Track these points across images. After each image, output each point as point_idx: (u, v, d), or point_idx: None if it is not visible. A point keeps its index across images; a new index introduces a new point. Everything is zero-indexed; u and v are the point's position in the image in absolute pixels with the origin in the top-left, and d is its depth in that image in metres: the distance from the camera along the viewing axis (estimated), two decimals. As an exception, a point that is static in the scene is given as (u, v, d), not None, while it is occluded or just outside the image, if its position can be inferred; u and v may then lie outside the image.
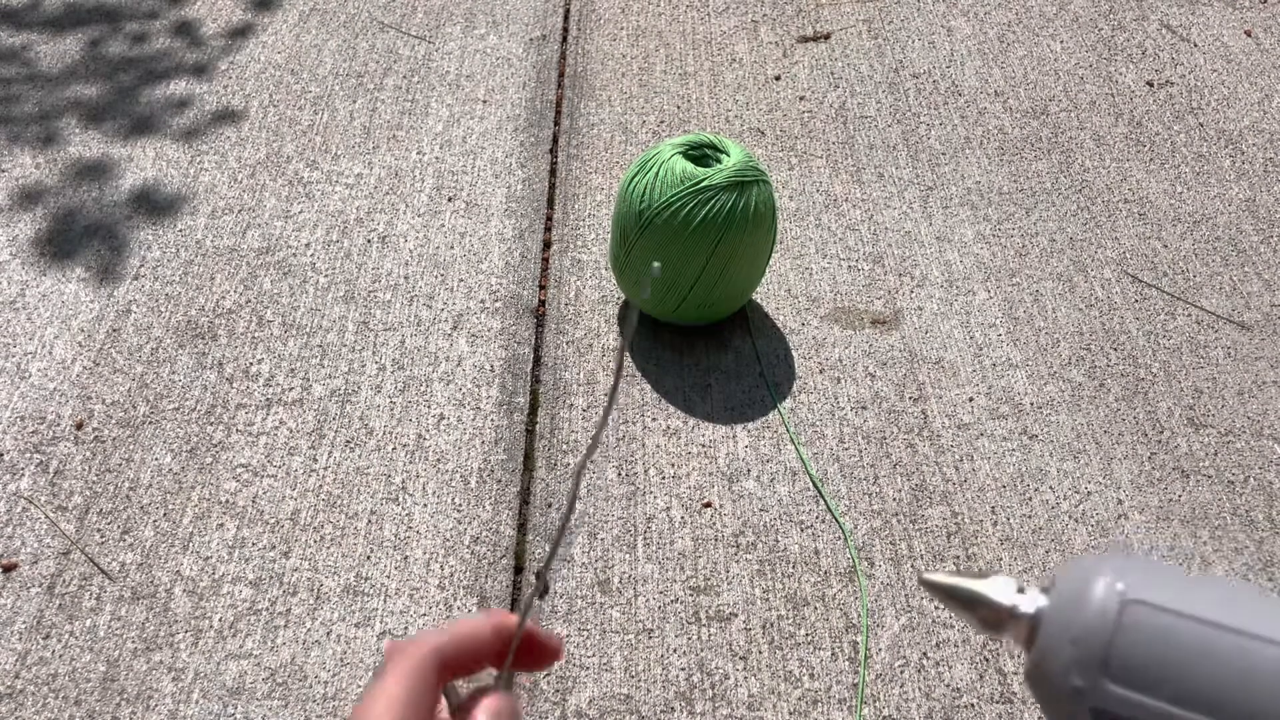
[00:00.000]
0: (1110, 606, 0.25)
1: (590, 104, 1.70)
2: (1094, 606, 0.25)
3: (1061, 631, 0.25)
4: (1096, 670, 0.24)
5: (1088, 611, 0.25)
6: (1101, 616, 0.24)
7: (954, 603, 0.28)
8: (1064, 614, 0.25)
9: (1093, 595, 0.25)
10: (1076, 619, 0.25)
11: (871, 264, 1.43)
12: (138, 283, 1.39)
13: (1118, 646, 0.24)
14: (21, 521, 1.11)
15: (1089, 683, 0.24)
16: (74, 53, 1.81)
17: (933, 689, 0.98)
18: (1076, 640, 0.25)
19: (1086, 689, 0.24)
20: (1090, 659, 0.24)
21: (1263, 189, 1.56)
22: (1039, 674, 0.26)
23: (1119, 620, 0.24)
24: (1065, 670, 0.25)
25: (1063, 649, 0.25)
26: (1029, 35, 1.87)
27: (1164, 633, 0.24)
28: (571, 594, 1.05)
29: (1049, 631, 0.26)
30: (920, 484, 1.16)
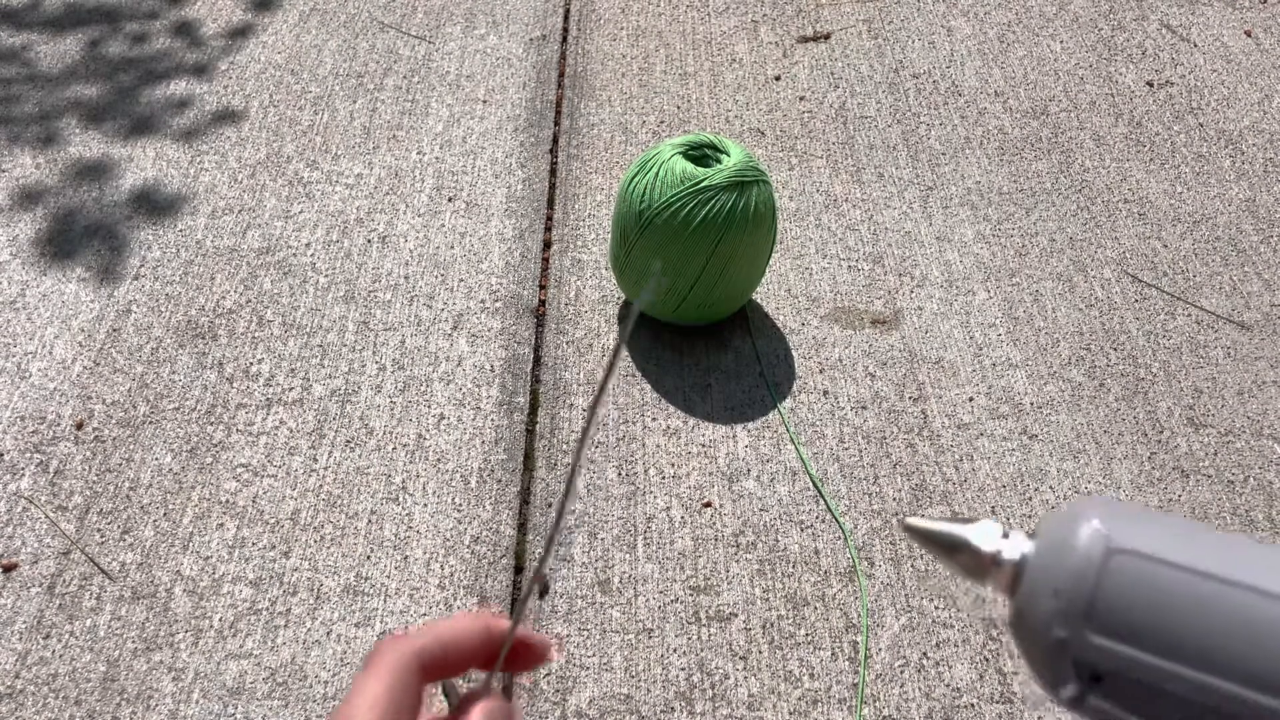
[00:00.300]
0: (1095, 554, 0.24)
1: (590, 104, 1.70)
2: (1078, 554, 0.24)
3: (1045, 580, 0.24)
4: (1080, 621, 0.23)
5: (1072, 560, 0.24)
6: (1086, 565, 0.23)
7: (936, 548, 0.27)
8: (1048, 562, 0.24)
9: (1077, 542, 0.24)
10: (1060, 567, 0.24)
11: (871, 264, 1.43)
12: (138, 283, 1.39)
13: (1102, 597, 0.23)
14: (22, 521, 1.11)
15: (1072, 634, 0.23)
16: (74, 53, 1.81)
17: (933, 689, 0.98)
18: (1060, 590, 0.24)
19: (1069, 640, 0.23)
20: (1073, 610, 0.23)
21: (1263, 189, 1.56)
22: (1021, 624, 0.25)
23: (1104, 569, 0.23)
24: (1048, 621, 0.24)
25: (1045, 599, 0.24)
26: (1029, 35, 1.87)
27: (1152, 583, 0.23)
28: (571, 594, 1.05)
29: (1032, 579, 0.24)
30: (920, 484, 1.16)
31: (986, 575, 0.26)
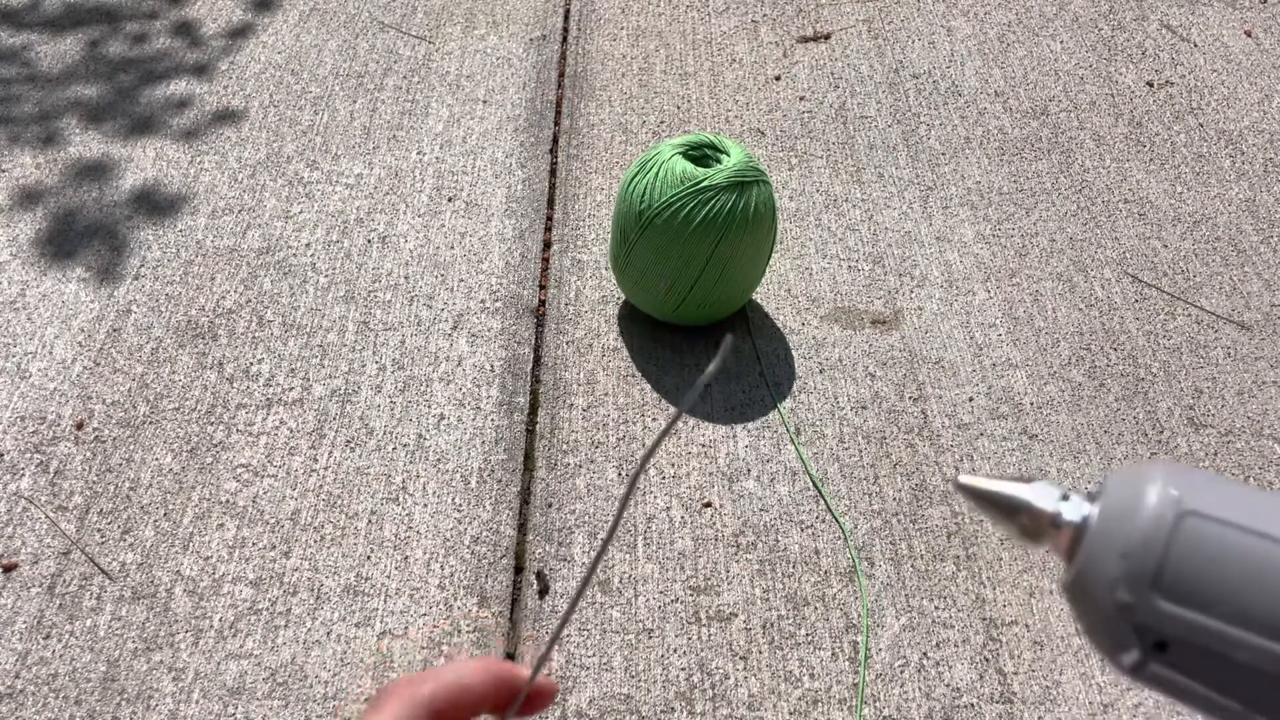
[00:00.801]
0: (1166, 517, 0.23)
1: (590, 104, 1.70)
2: (1147, 517, 0.23)
3: (1110, 543, 0.23)
4: (1147, 586, 0.22)
5: (1140, 522, 0.23)
6: (1156, 528, 0.23)
7: (992, 509, 0.26)
8: (1113, 524, 0.23)
9: (1146, 505, 0.23)
10: (1127, 530, 0.23)
11: (871, 264, 1.43)
12: (138, 283, 1.39)
13: (1172, 561, 0.22)
14: (22, 521, 1.11)
15: (1137, 598, 0.23)
16: (74, 53, 1.81)
17: (933, 689, 0.98)
18: (1127, 553, 0.23)
19: (1135, 605, 0.23)
20: (1141, 573, 0.23)
21: (1263, 189, 1.56)
22: (1081, 587, 0.24)
23: (1174, 532, 0.22)
24: (1112, 584, 0.23)
25: (1110, 562, 0.23)
26: (1029, 35, 1.87)
27: (1223, 547, 0.22)
28: (571, 594, 1.05)
29: (1095, 542, 0.24)
30: (920, 484, 1.16)
31: (1044, 537, 0.25)
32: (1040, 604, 1.05)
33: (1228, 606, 0.22)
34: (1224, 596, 0.22)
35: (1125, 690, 0.98)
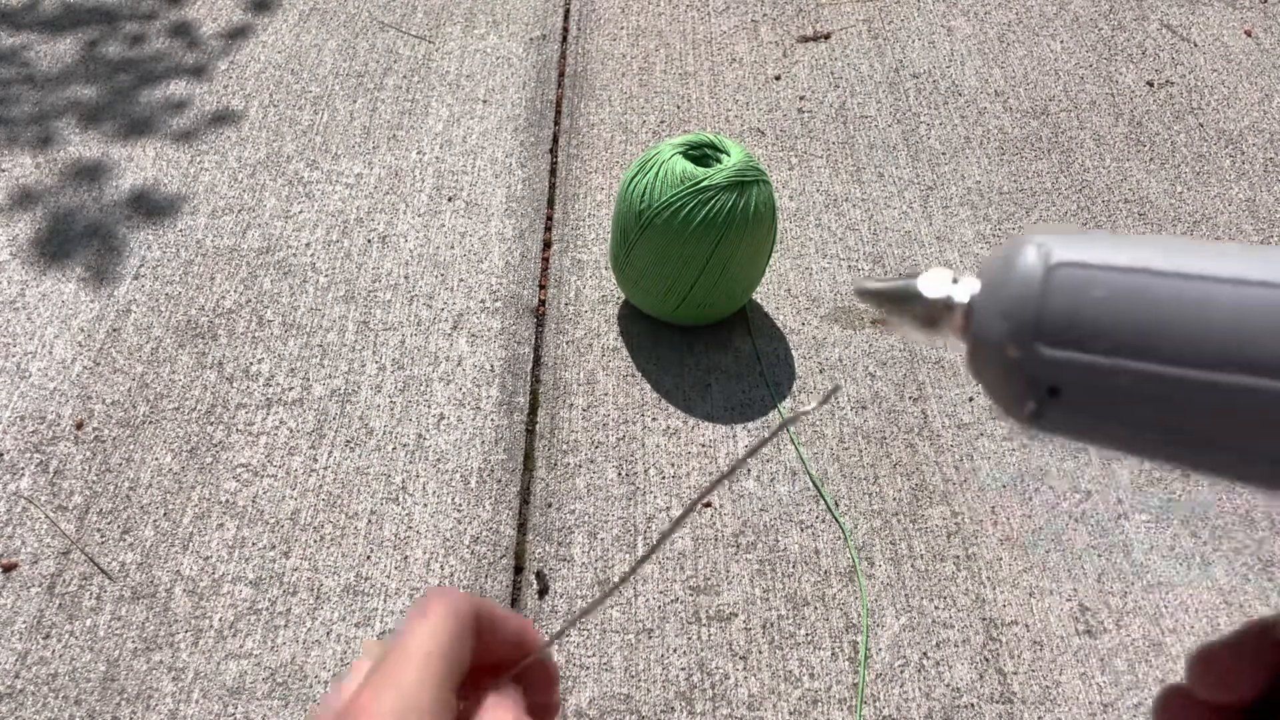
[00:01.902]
0: (1036, 272, 0.24)
1: (590, 104, 1.70)
2: (1020, 275, 0.24)
3: (993, 308, 0.25)
4: (1030, 337, 0.24)
5: (1015, 281, 0.24)
6: (1028, 283, 0.24)
7: (890, 305, 0.27)
8: (993, 291, 0.25)
9: (1018, 266, 0.24)
10: (1005, 292, 0.24)
11: (872, 264, 1.43)
12: (138, 282, 1.39)
13: (1048, 310, 0.24)
14: (21, 521, 1.11)
15: (1024, 352, 0.24)
16: (72, 53, 1.81)
17: (933, 689, 0.98)
18: (1007, 313, 0.24)
19: (1023, 359, 0.24)
20: (1023, 328, 0.24)
21: (1263, 189, 1.56)
22: (977, 357, 0.25)
23: (1046, 283, 0.24)
24: (1000, 345, 0.24)
25: (995, 325, 0.24)
26: (1029, 35, 1.87)
27: (1094, 288, 0.24)
28: (571, 594, 1.05)
29: (980, 311, 0.25)
30: (920, 484, 1.16)
31: (941, 324, 0.26)
32: (1040, 604, 1.05)
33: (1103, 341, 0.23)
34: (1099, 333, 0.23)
35: (1125, 690, 0.98)
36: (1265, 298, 0.22)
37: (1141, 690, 0.98)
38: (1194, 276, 0.23)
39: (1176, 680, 0.28)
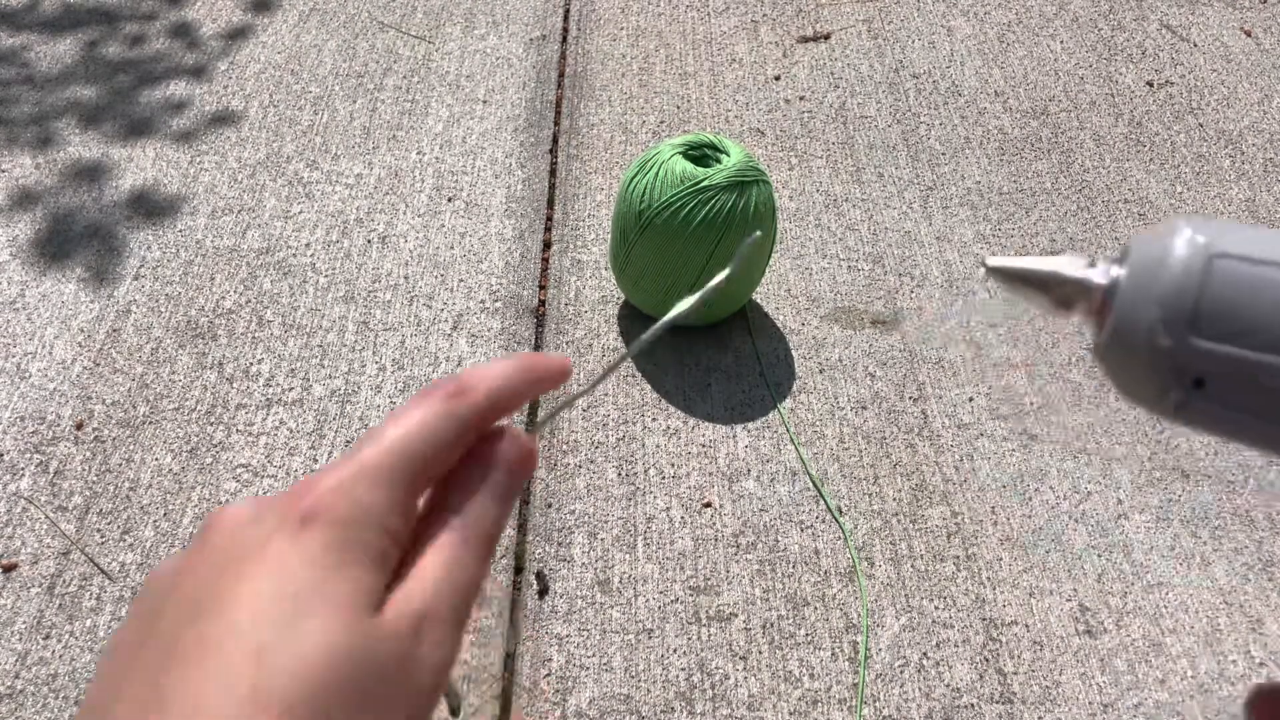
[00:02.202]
0: (1195, 262, 0.24)
1: (590, 104, 1.70)
2: (1178, 264, 0.24)
3: (1144, 295, 0.24)
4: (1184, 327, 0.24)
5: (1172, 270, 0.24)
6: (1187, 273, 0.24)
7: (1023, 285, 0.27)
8: (1145, 277, 0.25)
9: (1175, 254, 0.24)
10: (1160, 280, 0.24)
11: (871, 264, 1.43)
12: (138, 283, 1.39)
13: (1206, 300, 0.24)
14: (21, 522, 1.11)
15: (1176, 341, 0.24)
16: (72, 54, 1.81)
17: (933, 689, 0.98)
18: (1162, 300, 0.24)
19: (1174, 348, 0.24)
20: (1178, 316, 0.24)
21: (1263, 189, 1.56)
22: (1119, 342, 0.25)
23: (1205, 275, 0.24)
24: (1150, 332, 0.24)
25: (1146, 311, 0.24)
26: (1029, 35, 1.87)
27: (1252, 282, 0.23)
28: (571, 594, 1.05)
29: (1128, 297, 0.25)
30: (920, 484, 1.16)
31: (1075, 305, 0.26)
32: (1040, 604, 1.05)
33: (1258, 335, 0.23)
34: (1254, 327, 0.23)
35: (1125, 690, 0.98)
36: None
37: (1142, 691, 0.98)
38: None
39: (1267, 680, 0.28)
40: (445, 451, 0.26)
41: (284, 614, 0.22)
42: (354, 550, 0.23)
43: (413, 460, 0.25)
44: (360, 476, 0.24)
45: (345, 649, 0.22)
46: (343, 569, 0.23)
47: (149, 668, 0.22)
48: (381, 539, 0.24)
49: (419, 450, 0.25)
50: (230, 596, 0.22)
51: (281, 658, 0.21)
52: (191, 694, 0.21)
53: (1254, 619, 1.04)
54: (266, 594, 0.22)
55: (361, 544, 0.23)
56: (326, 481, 0.24)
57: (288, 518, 0.23)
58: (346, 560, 0.23)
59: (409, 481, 0.25)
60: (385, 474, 0.24)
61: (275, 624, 0.21)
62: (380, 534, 0.24)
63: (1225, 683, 0.99)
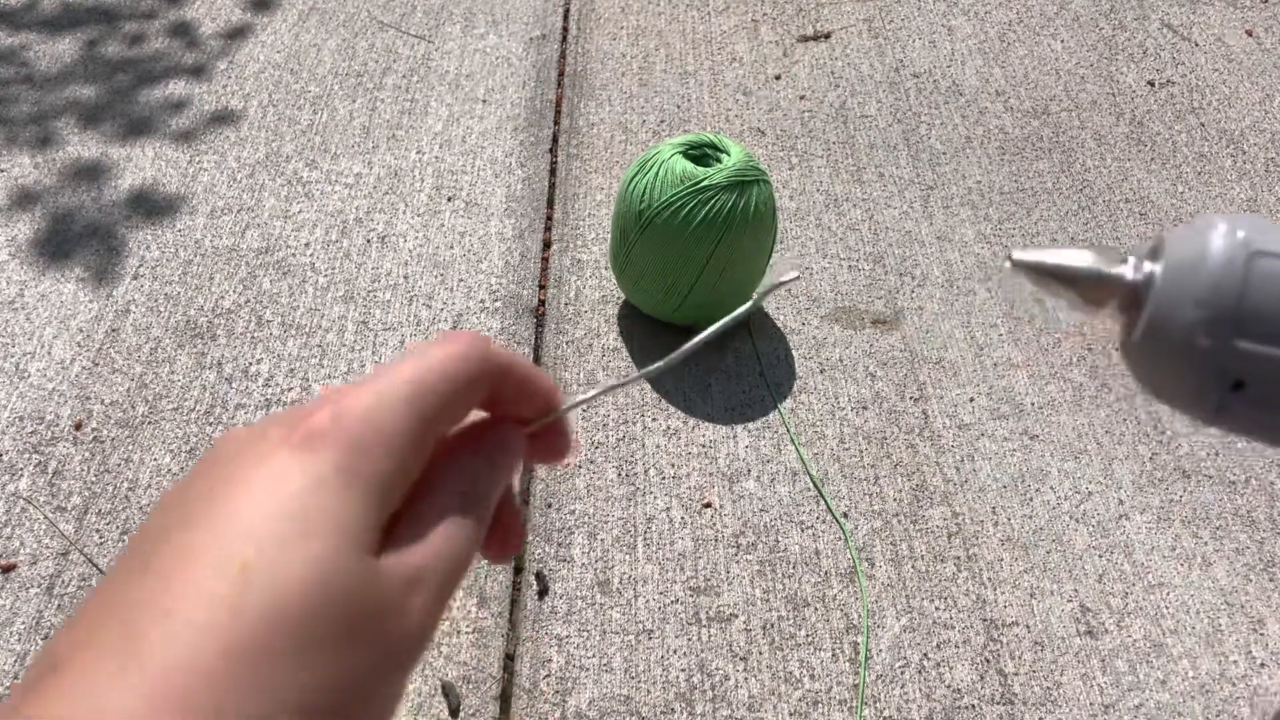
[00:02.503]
0: (1236, 260, 0.23)
1: (590, 103, 1.70)
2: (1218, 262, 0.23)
3: (1182, 293, 0.23)
4: (1227, 328, 0.23)
5: (1212, 268, 0.23)
6: (1228, 272, 0.23)
7: (1051, 280, 0.26)
8: (1183, 275, 0.23)
9: (1214, 251, 0.23)
10: (1200, 278, 0.23)
11: (872, 264, 1.42)
12: (136, 283, 1.39)
13: (1249, 300, 0.23)
14: (20, 522, 1.11)
15: (1218, 342, 0.23)
16: (71, 53, 1.81)
17: (933, 690, 0.98)
18: (1202, 300, 0.23)
19: (1216, 348, 0.23)
20: (1221, 317, 0.23)
21: (1264, 189, 1.56)
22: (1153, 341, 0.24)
23: (1247, 274, 0.23)
24: (1189, 332, 0.23)
25: (1185, 311, 0.23)
26: (1030, 35, 1.87)
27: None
28: (571, 594, 1.05)
29: (1165, 295, 0.24)
30: (921, 484, 1.15)
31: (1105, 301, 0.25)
32: (1041, 605, 1.05)
33: None
34: None
35: (1126, 691, 0.98)
36: None
37: (1143, 691, 0.98)
38: None
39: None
40: (462, 395, 0.25)
41: (278, 532, 0.20)
42: (362, 478, 0.22)
43: (431, 394, 0.24)
44: (379, 400, 0.23)
45: (340, 579, 0.20)
46: (347, 495, 0.21)
47: (126, 578, 0.20)
48: (392, 472, 0.22)
49: (438, 386, 0.24)
50: (222, 508, 0.21)
51: (269, 577, 0.20)
52: (165, 604, 0.19)
53: (1255, 619, 1.04)
54: (263, 509, 0.21)
55: (371, 473, 0.22)
56: (342, 401, 0.23)
57: (296, 431, 0.22)
58: (353, 487, 0.21)
59: (426, 416, 0.23)
60: (403, 402, 0.23)
61: (268, 541, 0.20)
62: (392, 466, 0.22)
63: (1226, 683, 0.99)
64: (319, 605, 0.20)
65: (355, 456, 0.22)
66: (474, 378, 0.25)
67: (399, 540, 0.23)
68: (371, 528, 0.22)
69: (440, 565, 0.23)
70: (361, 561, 0.21)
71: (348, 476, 0.21)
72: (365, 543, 0.21)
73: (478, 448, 0.26)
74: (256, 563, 0.20)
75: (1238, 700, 0.98)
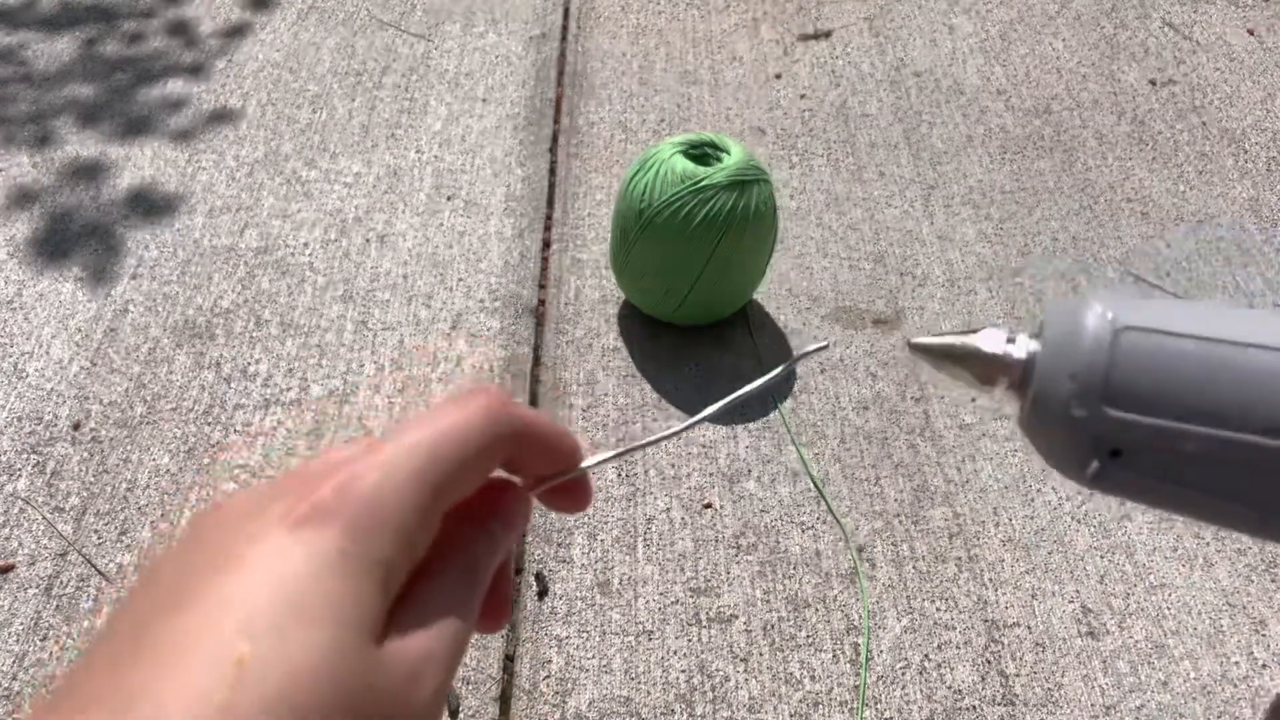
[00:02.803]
0: (1104, 336, 0.25)
1: (590, 102, 1.70)
2: (1088, 339, 0.25)
3: (1059, 368, 0.25)
4: (1097, 399, 0.25)
5: (1083, 344, 0.25)
6: (1097, 347, 0.25)
7: (947, 362, 0.28)
8: (1059, 351, 0.25)
9: (1085, 329, 0.25)
10: (1073, 354, 0.25)
11: (873, 263, 1.42)
12: (135, 282, 1.38)
13: (1116, 373, 0.25)
14: (19, 522, 1.11)
15: (1090, 412, 0.25)
16: (70, 52, 1.80)
17: (934, 691, 0.98)
18: (1075, 374, 0.25)
19: (1089, 418, 0.25)
20: (1091, 389, 0.25)
21: (1266, 188, 1.55)
22: (1038, 414, 0.26)
23: (1114, 347, 0.25)
24: (1066, 404, 0.25)
25: (1062, 384, 0.25)
26: (1031, 33, 1.86)
27: (1160, 354, 0.25)
28: (571, 595, 1.05)
29: (1045, 371, 0.26)
30: (922, 485, 1.15)
31: (997, 380, 0.27)
32: (1042, 605, 1.04)
33: (1170, 405, 0.24)
34: (1165, 397, 0.24)
35: (1128, 692, 0.98)
36: None
37: (1144, 692, 0.98)
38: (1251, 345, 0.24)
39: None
40: (478, 463, 0.24)
41: (277, 620, 0.19)
42: (367, 561, 0.21)
43: (444, 463, 0.22)
44: (387, 475, 0.22)
45: (341, 673, 0.19)
46: (352, 580, 0.20)
47: (114, 662, 0.19)
48: (398, 555, 0.21)
49: (452, 454, 0.23)
50: (219, 589, 0.20)
51: (266, 673, 0.19)
52: (155, 699, 0.18)
53: (1257, 620, 1.04)
54: (262, 593, 0.19)
55: (377, 556, 0.21)
56: (344, 474, 0.21)
57: (298, 507, 0.21)
58: (358, 571, 0.20)
59: (438, 488, 0.22)
60: (414, 477, 0.22)
61: (265, 630, 0.19)
62: (399, 549, 0.21)
63: (1228, 684, 0.98)
64: (318, 700, 0.19)
65: (361, 538, 0.21)
66: (491, 444, 0.24)
67: (402, 625, 0.22)
68: (375, 614, 0.21)
69: (444, 650, 0.22)
70: (364, 651, 0.20)
71: (352, 560, 0.21)
72: (368, 630, 0.20)
73: (483, 520, 0.25)
74: (252, 657, 0.19)
75: (1239, 701, 0.97)
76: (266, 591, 0.20)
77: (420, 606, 0.22)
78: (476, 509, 0.25)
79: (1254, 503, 0.24)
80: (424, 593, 0.22)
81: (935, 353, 0.28)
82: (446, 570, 0.23)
